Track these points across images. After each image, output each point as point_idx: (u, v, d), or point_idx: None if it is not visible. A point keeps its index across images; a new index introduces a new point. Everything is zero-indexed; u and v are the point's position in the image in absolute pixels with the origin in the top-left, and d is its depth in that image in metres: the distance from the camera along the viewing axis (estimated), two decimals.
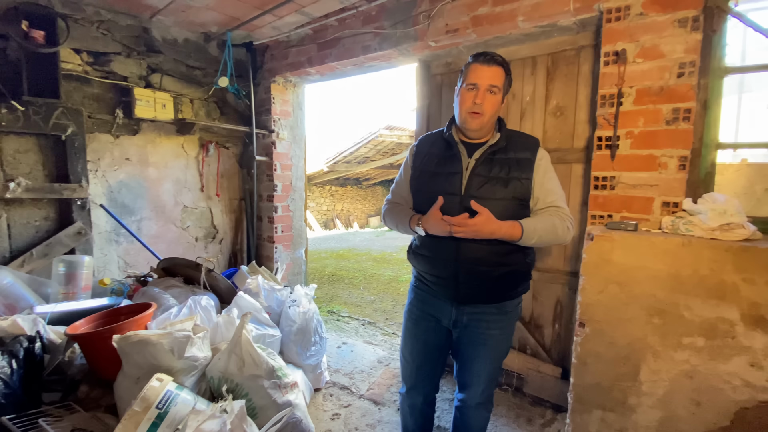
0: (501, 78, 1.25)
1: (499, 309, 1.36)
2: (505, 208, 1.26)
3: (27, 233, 2.32)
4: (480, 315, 1.36)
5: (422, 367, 1.51)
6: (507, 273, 1.32)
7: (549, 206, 1.29)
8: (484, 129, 1.29)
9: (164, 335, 1.62)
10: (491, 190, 1.27)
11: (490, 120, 1.28)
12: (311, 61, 2.75)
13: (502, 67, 1.25)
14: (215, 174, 3.14)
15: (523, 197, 1.28)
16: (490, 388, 1.49)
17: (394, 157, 10.88)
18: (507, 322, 1.39)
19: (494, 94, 1.24)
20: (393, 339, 3.16)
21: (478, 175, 1.28)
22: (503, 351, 1.44)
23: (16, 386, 1.48)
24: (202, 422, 1.11)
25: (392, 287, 4.95)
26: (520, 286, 1.39)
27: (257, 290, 2.43)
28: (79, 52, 2.42)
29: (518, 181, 1.27)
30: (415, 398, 1.56)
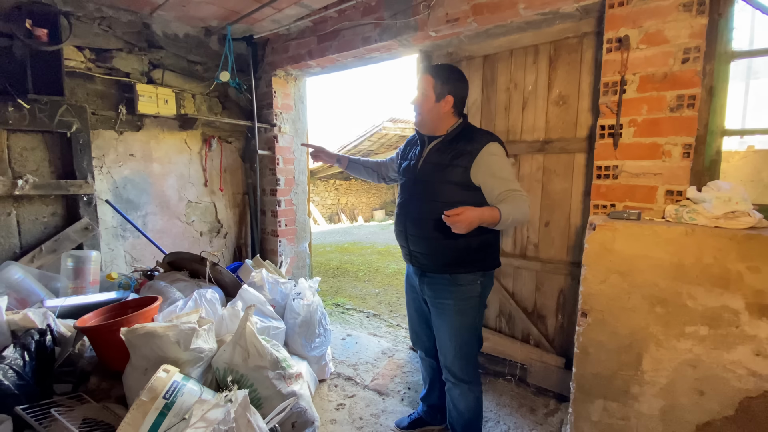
0: (429, 83, 1.51)
1: (452, 281, 1.54)
2: (448, 191, 1.48)
3: (36, 229, 2.36)
4: (435, 285, 1.58)
5: (417, 332, 1.85)
6: (448, 244, 1.49)
7: (508, 190, 1.44)
8: (426, 126, 1.57)
9: (170, 327, 1.65)
10: (433, 174, 1.51)
11: (429, 118, 1.54)
12: (311, 54, 2.74)
13: (429, 74, 1.52)
14: (218, 169, 3.16)
15: (461, 183, 1.46)
16: (456, 362, 1.60)
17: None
18: (461, 295, 1.54)
19: (424, 96, 1.52)
20: (397, 331, 3.18)
21: (427, 162, 1.55)
22: (461, 325, 1.56)
23: (28, 377, 1.52)
24: (206, 411, 1.13)
25: (396, 280, 4.97)
26: (468, 260, 1.52)
27: (261, 283, 2.45)
28: (81, 49, 2.43)
29: (456, 168, 1.47)
30: (419, 351, 1.90)
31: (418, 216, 1.56)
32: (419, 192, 1.56)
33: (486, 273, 1.58)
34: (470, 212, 1.29)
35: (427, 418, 1.93)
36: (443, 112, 1.53)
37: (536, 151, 2.12)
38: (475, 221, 1.31)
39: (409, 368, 2.53)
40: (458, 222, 1.28)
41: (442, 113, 1.53)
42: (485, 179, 1.46)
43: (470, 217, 1.29)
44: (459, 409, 1.67)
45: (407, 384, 2.35)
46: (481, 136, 1.51)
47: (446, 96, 1.51)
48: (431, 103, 1.52)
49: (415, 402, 2.17)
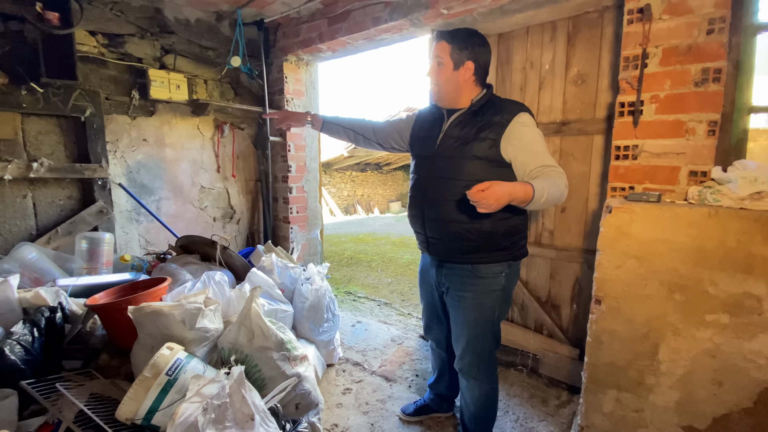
0: (444, 50, 1.36)
1: (472, 272, 1.41)
2: (473, 167, 1.33)
3: (52, 212, 2.42)
4: (454, 276, 1.45)
5: (429, 322, 1.75)
6: (471, 229, 1.35)
7: (542, 166, 1.28)
8: (444, 98, 1.42)
9: (176, 306, 1.67)
10: (456, 149, 1.36)
11: (447, 90, 1.39)
12: (322, 37, 2.69)
13: (444, 40, 1.36)
14: (231, 155, 3.18)
15: (489, 157, 1.31)
16: (470, 356, 1.50)
17: None
18: (481, 287, 1.41)
19: (441, 65, 1.37)
20: (408, 319, 3.15)
21: (449, 136, 1.39)
22: (477, 319, 1.44)
23: (37, 353, 1.56)
24: (202, 386, 1.13)
25: (410, 270, 4.93)
26: (493, 248, 1.38)
27: (271, 267, 2.46)
28: (94, 34, 2.46)
29: (483, 141, 1.32)
30: (430, 341, 1.83)
31: (437, 197, 1.40)
32: (439, 170, 1.39)
33: (512, 264, 1.43)
34: (498, 187, 1.11)
35: (434, 405, 1.90)
36: (463, 81, 1.37)
37: (553, 133, 2.03)
38: (504, 198, 1.12)
39: (418, 356, 2.50)
40: (485, 199, 1.09)
41: (461, 82, 1.37)
42: (516, 153, 1.30)
43: (498, 192, 1.10)
44: (466, 399, 1.62)
45: (415, 371, 2.32)
46: (511, 105, 1.35)
47: (465, 63, 1.35)
48: (449, 72, 1.36)
49: (422, 389, 2.14)
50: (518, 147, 1.30)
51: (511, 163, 1.32)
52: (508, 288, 1.45)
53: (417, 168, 1.52)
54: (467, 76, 1.37)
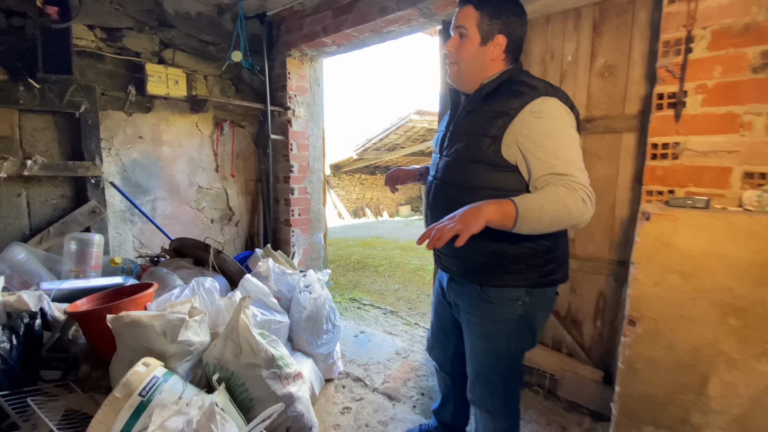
0: (472, 18, 1.08)
1: (481, 294, 1.18)
2: (476, 172, 1.07)
3: (45, 211, 2.32)
4: (463, 295, 1.24)
5: (433, 341, 1.53)
6: (476, 246, 1.10)
7: (551, 174, 0.97)
8: (465, 80, 1.14)
9: (156, 317, 1.52)
10: (459, 148, 1.12)
11: (469, 69, 1.12)
12: (326, 30, 2.55)
13: (472, 5, 1.08)
14: (230, 154, 3.05)
15: (488, 160, 1.05)
16: (481, 388, 1.25)
17: (425, 144, 10.54)
18: (490, 314, 1.17)
19: (465, 38, 1.10)
20: (414, 329, 2.96)
21: (456, 130, 1.16)
22: (491, 348, 1.21)
23: (14, 362, 1.43)
24: (166, 419, 0.96)
25: (418, 276, 4.74)
26: (504, 271, 1.12)
27: (267, 273, 2.30)
28: (92, 28, 2.36)
29: (483, 138, 1.06)
30: (435, 361, 1.56)
31: (439, 204, 1.18)
32: (442, 172, 1.17)
33: (532, 291, 1.14)
34: (463, 218, 0.88)
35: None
36: (490, 60, 1.10)
37: None
38: (473, 223, 0.87)
39: (424, 371, 2.31)
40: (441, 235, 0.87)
41: (488, 61, 1.10)
42: (521, 154, 1.01)
43: (464, 218, 0.87)
44: (478, 430, 1.39)
45: (421, 389, 2.14)
46: (530, 88, 1.04)
47: (496, 36, 1.07)
48: (474, 47, 1.09)
49: (427, 410, 1.95)
50: (524, 145, 1.01)
51: (518, 166, 1.05)
52: (529, 318, 1.17)
53: (430, 169, 1.33)
54: (497, 54, 1.09)
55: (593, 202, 0.97)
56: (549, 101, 1.03)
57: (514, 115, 1.02)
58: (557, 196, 0.94)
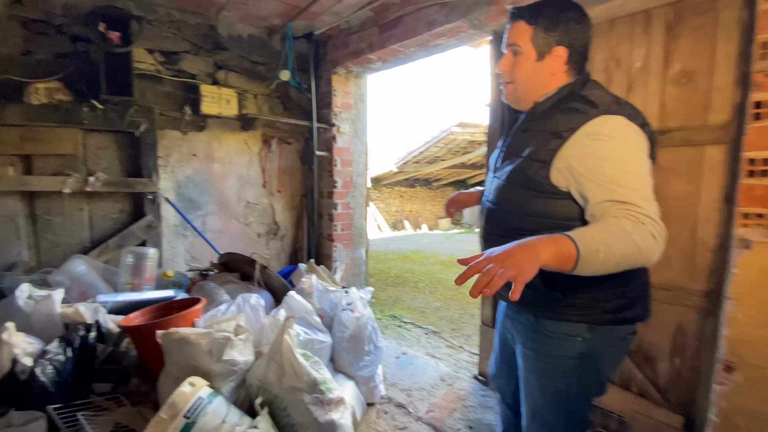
0: (525, 34, 1.00)
1: (536, 326, 1.06)
2: (526, 198, 0.98)
3: (105, 225, 2.46)
4: (518, 324, 1.14)
5: (497, 369, 1.35)
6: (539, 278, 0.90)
7: (610, 202, 0.84)
8: (523, 98, 1.06)
9: (203, 335, 1.52)
10: (508, 171, 1.03)
11: (526, 87, 1.04)
12: (372, 47, 2.54)
13: (524, 20, 1.00)
14: (277, 170, 3.11)
15: (534, 185, 0.96)
16: (538, 430, 1.11)
17: (466, 156, 10.35)
18: (546, 349, 1.05)
19: (518, 55, 1.02)
20: (459, 353, 2.81)
21: (509, 152, 1.08)
22: (548, 387, 1.07)
23: (67, 375, 1.48)
24: None
25: (460, 294, 4.56)
26: (561, 303, 0.99)
27: (310, 290, 2.28)
28: (152, 52, 2.51)
29: (528, 160, 0.97)
30: (498, 390, 1.40)
31: (494, 230, 1.10)
32: (495, 196, 1.09)
33: (596, 328, 0.99)
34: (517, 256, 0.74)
35: None
36: (549, 75, 1.01)
37: None
38: (527, 269, 0.73)
39: (472, 402, 2.16)
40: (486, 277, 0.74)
41: (546, 76, 1.01)
42: (574, 180, 0.90)
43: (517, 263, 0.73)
44: None
45: (469, 422, 1.99)
46: (589, 105, 0.93)
47: (554, 49, 0.98)
48: (530, 64, 1.01)
49: None
50: (578, 172, 0.89)
51: (571, 193, 0.93)
52: (593, 359, 1.02)
53: (485, 189, 1.22)
54: (556, 66, 1.00)
55: (664, 239, 0.83)
56: (611, 120, 0.90)
57: (567, 137, 0.92)
58: (622, 231, 0.80)
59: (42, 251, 2.28)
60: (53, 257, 2.29)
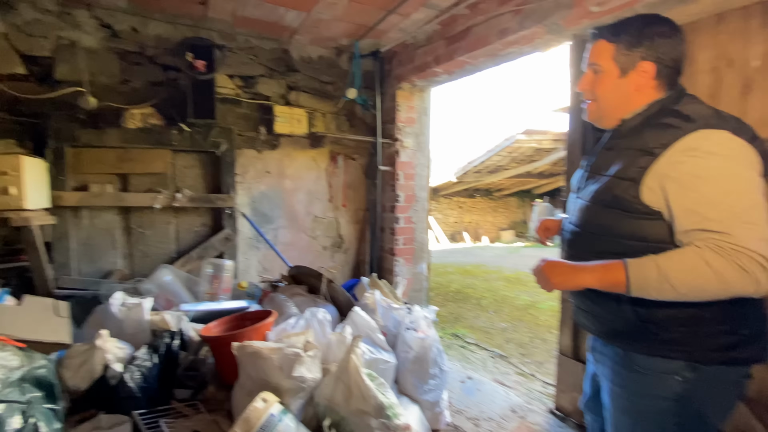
0: (605, 52, 0.98)
1: (625, 360, 0.97)
2: (613, 218, 0.94)
3: (188, 237, 2.68)
4: (605, 358, 1.05)
5: (592, 398, 1.20)
6: (609, 309, 0.97)
7: (697, 230, 0.81)
8: (607, 116, 1.03)
9: (275, 350, 1.56)
10: (592, 190, 1.00)
11: (610, 104, 1.01)
12: (438, 60, 2.51)
13: (604, 38, 0.99)
14: (342, 185, 3.18)
15: (622, 204, 0.92)
16: None
17: (532, 165, 9.84)
18: (637, 387, 0.95)
19: (599, 74, 1.00)
20: (530, 382, 2.60)
21: (593, 170, 1.04)
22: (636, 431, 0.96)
23: (152, 381, 1.59)
24: None
25: (529, 315, 4.27)
26: (657, 336, 0.91)
27: (374, 306, 2.26)
28: (232, 77, 2.72)
29: (616, 179, 0.93)
30: (588, 427, 1.26)
31: (576, 254, 1.04)
32: (579, 218, 1.05)
33: (700, 367, 0.89)
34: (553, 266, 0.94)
35: None
36: (635, 90, 0.97)
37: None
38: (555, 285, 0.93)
39: None
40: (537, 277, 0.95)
41: (632, 91, 0.97)
42: (667, 200, 0.85)
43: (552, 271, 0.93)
44: None
45: None
46: (684, 119, 0.88)
47: (638, 64, 0.95)
48: (612, 81, 0.98)
49: None
50: (671, 191, 0.84)
51: (662, 214, 0.88)
52: (696, 403, 0.90)
53: (567, 212, 1.17)
54: (643, 82, 0.96)
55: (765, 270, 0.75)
56: (712, 135, 0.83)
57: (659, 153, 0.87)
58: (697, 262, 0.77)
59: (135, 261, 2.54)
60: (144, 266, 2.53)
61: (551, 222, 1.32)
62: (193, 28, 2.55)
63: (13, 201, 1.82)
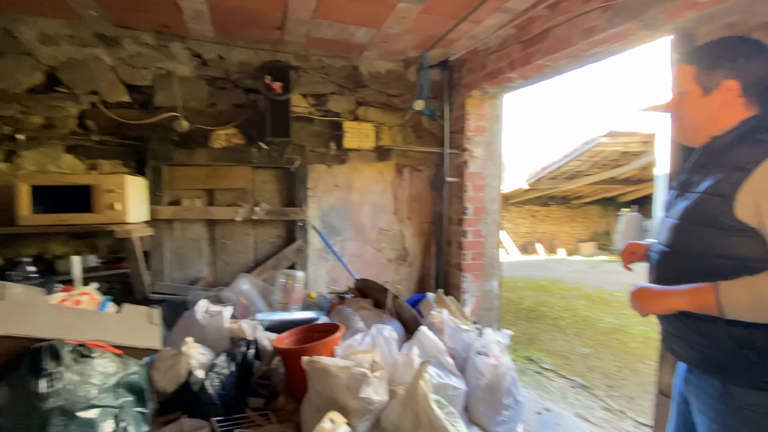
0: (687, 75, 1.04)
1: (723, 393, 0.92)
2: (707, 237, 0.94)
3: (265, 248, 2.83)
4: (699, 391, 1.01)
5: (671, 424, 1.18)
6: (713, 330, 0.92)
7: None
8: (692, 134, 1.08)
9: (343, 368, 1.55)
10: (683, 209, 1.01)
11: (695, 122, 1.05)
12: (513, 65, 2.36)
13: (686, 63, 1.05)
14: (407, 197, 3.15)
15: (715, 222, 0.91)
16: None
17: (617, 170, 8.93)
18: (736, 422, 0.90)
19: (683, 96, 1.06)
20: (620, 421, 2.29)
21: (684, 188, 1.06)
22: None
23: (230, 388, 1.67)
24: None
25: (616, 341, 3.82)
26: (749, 372, 0.88)
27: (441, 326, 2.17)
28: (305, 96, 2.84)
29: (708, 195, 0.94)
30: None
31: (666, 275, 1.04)
32: (669, 238, 1.05)
33: None
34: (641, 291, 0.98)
35: None
36: (720, 107, 1.00)
37: None
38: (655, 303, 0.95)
39: None
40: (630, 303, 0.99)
41: (716, 109, 1.00)
42: (760, 217, 0.85)
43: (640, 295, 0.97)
44: None
45: None
46: None
47: (722, 83, 0.98)
48: (696, 100, 1.02)
49: None
50: (763, 208, 0.85)
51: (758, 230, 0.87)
52: None
53: (657, 233, 1.16)
54: (728, 99, 0.99)
55: None
56: None
57: (752, 168, 0.88)
58: None
59: (218, 269, 2.74)
60: (225, 274, 2.72)
61: (637, 246, 1.27)
62: (271, 52, 2.71)
63: (117, 215, 2.06)
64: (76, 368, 1.15)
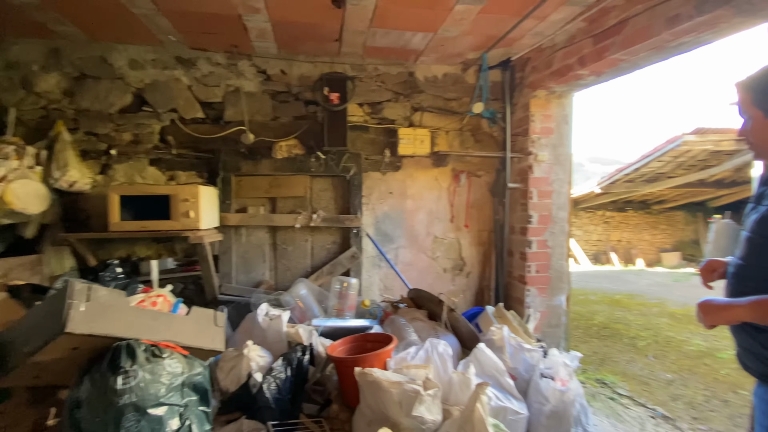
0: (746, 100, 1.08)
1: None
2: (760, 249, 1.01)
3: (321, 254, 2.89)
4: (764, 402, 1.05)
5: None
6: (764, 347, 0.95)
7: None
8: (760, 152, 1.12)
9: (395, 384, 1.51)
10: (754, 223, 1.05)
11: (763, 140, 1.08)
12: (583, 61, 2.16)
13: (741, 90, 1.09)
14: (465, 204, 3.03)
15: None
16: None
17: (706, 171, 7.87)
18: None
19: (749, 119, 1.10)
20: None
21: (755, 203, 1.10)
22: None
23: (285, 393, 1.71)
24: None
25: (704, 366, 3.32)
26: None
27: (501, 344, 2.04)
28: (361, 105, 2.87)
29: None
30: None
31: (739, 288, 1.07)
32: (742, 251, 1.09)
33: None
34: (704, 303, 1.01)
35: None
36: None
37: None
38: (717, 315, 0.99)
39: None
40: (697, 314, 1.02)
41: None
42: None
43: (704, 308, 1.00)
44: None
45: None
46: None
47: None
48: (759, 121, 1.08)
49: None
50: None
51: None
52: None
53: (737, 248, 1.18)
54: None
55: None
56: None
57: None
58: None
59: (278, 273, 2.86)
60: (285, 278, 2.83)
61: (718, 263, 1.24)
62: (329, 64, 2.78)
63: (191, 222, 2.24)
64: (149, 367, 1.24)
